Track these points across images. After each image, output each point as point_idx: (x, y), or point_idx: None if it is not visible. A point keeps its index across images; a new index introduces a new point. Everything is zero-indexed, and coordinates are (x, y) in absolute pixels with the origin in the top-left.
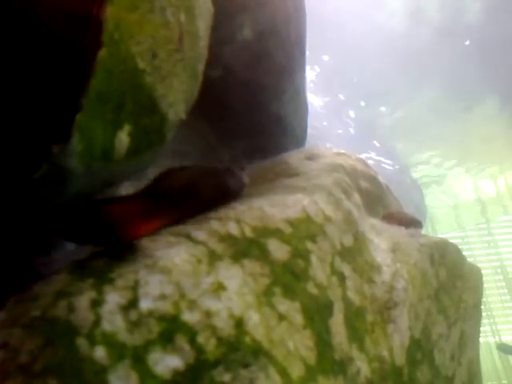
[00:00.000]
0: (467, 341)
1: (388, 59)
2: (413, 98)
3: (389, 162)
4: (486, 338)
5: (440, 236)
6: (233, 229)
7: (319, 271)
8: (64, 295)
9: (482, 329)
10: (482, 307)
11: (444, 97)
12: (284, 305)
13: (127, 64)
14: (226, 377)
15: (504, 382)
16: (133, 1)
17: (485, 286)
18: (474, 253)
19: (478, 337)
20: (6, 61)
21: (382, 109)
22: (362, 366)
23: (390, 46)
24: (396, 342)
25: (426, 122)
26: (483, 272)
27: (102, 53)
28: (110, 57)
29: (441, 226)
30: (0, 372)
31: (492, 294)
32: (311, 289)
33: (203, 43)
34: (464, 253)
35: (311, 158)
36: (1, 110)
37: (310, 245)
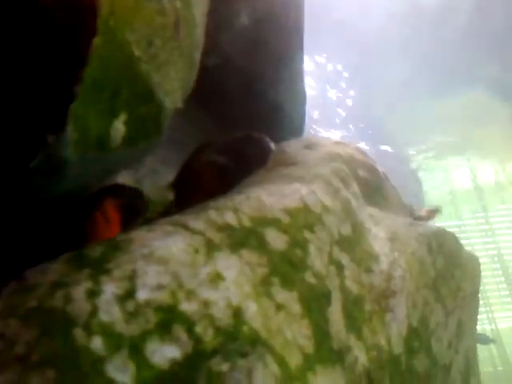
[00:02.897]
0: (465, 329)
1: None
2: (409, 82)
3: (388, 150)
4: (483, 325)
5: (438, 225)
6: (230, 218)
7: (317, 261)
8: (60, 286)
9: (478, 317)
10: (479, 295)
11: (442, 81)
12: (282, 294)
13: (123, 52)
14: (224, 366)
15: (499, 368)
16: None
17: (482, 274)
18: (472, 241)
19: (476, 325)
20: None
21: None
22: (359, 354)
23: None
24: (394, 330)
25: (425, 107)
26: (480, 261)
27: (97, 40)
28: (105, 44)
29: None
30: None
31: (489, 283)
32: (309, 278)
33: (200, 30)
34: (461, 241)
35: (309, 146)
36: None
37: (308, 234)
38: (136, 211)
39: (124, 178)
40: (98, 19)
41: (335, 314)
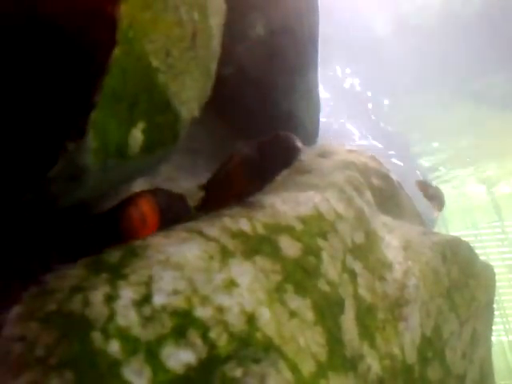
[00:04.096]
0: (479, 339)
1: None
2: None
3: (402, 157)
4: (499, 336)
5: (453, 234)
6: (244, 225)
7: (330, 268)
8: (79, 290)
9: (494, 327)
10: (495, 306)
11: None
12: (295, 301)
13: (141, 62)
14: (238, 372)
15: None
16: None
17: (498, 284)
18: (487, 251)
19: (491, 335)
20: (22, 60)
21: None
22: (372, 363)
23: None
24: (407, 339)
25: (439, 118)
26: (496, 270)
27: (117, 51)
28: (124, 55)
29: (454, 223)
30: (18, 364)
31: (505, 293)
32: (322, 286)
33: (216, 41)
34: (477, 251)
35: (323, 155)
36: (16, 107)
37: (321, 242)
38: (176, 214)
39: (140, 186)
40: (118, 31)
41: (348, 321)
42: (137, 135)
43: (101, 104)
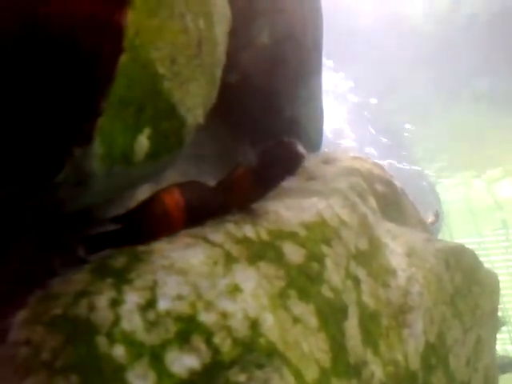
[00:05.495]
0: (483, 347)
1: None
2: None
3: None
4: (504, 345)
5: (457, 241)
6: (249, 232)
7: (334, 275)
8: (84, 294)
9: (499, 336)
10: (500, 314)
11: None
12: (299, 307)
13: (147, 69)
14: (241, 377)
15: None
16: (153, 7)
17: (502, 292)
18: (492, 259)
19: (495, 343)
20: (31, 67)
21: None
22: (376, 369)
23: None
24: (411, 346)
25: (443, 123)
26: (500, 278)
27: (123, 58)
28: (130, 62)
29: (457, 231)
30: (24, 367)
31: (510, 301)
32: (326, 292)
33: (221, 49)
34: (481, 258)
35: (327, 161)
36: (24, 113)
37: (325, 248)
38: (208, 209)
39: (145, 192)
40: (125, 38)
41: (352, 328)
42: (143, 141)
43: (107, 111)
